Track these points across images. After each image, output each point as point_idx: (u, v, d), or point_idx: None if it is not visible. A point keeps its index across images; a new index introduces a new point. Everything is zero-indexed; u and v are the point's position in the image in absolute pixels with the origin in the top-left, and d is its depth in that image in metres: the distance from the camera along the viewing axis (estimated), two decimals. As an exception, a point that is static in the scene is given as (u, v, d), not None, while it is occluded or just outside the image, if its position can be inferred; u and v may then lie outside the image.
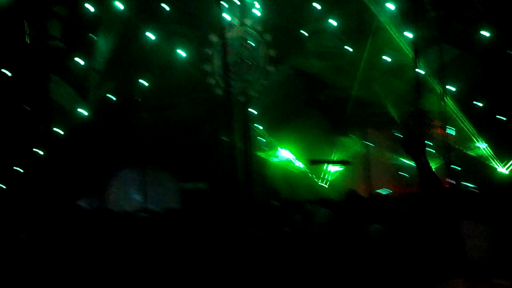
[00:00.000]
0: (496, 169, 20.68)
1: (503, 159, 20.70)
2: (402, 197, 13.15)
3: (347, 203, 10.97)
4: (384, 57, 20.83)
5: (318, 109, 21.56)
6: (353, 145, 22.26)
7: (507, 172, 20.53)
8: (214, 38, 19.85)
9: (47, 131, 16.75)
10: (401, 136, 21.41)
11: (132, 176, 17.69)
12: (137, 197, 17.21)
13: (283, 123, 21.05)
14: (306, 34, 21.01)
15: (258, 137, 20.56)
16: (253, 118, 20.52)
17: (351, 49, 20.98)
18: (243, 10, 20.23)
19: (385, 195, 16.63)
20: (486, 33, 19.77)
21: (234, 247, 9.10)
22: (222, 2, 19.53)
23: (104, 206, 16.01)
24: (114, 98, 18.69)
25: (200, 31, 19.98)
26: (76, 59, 18.21)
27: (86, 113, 18.08)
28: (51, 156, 16.51)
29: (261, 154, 20.61)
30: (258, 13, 20.34)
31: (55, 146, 16.76)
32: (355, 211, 10.37)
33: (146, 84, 19.08)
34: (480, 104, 20.50)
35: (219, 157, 19.06)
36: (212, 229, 9.74)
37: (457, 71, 20.21)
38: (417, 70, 19.91)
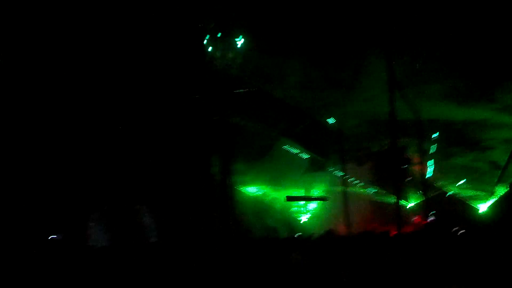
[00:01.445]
0: (476, 209, 20.74)
1: (480, 200, 20.79)
2: (379, 236, 12.96)
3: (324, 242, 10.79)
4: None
5: (296, 142, 21.40)
6: (331, 180, 22.08)
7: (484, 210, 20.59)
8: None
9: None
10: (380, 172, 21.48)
11: (110, 211, 17.26)
12: (116, 232, 16.78)
13: (262, 156, 20.83)
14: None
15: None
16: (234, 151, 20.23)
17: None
18: (226, 43, 20.03)
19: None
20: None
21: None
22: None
23: (84, 241, 15.61)
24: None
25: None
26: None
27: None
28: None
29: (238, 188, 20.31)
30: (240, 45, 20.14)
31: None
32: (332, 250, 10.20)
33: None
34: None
35: (199, 189, 18.72)
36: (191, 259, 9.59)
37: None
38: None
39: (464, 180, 21.09)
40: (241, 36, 18.64)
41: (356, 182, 22.12)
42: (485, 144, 20.49)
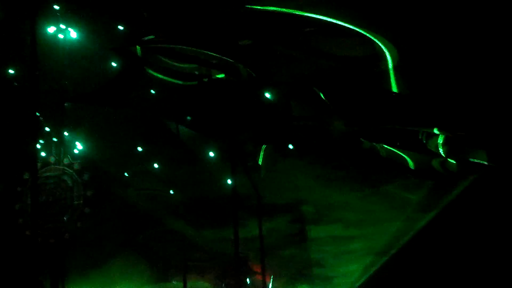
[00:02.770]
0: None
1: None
2: None
3: None
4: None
5: (136, 251, 20.99)
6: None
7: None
8: (26, 176, 18.96)
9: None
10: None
11: None
12: None
13: (99, 265, 20.15)
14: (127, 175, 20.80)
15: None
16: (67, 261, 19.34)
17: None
18: (62, 148, 19.60)
19: None
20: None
21: None
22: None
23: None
24: None
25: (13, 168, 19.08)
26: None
27: None
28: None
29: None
30: (77, 152, 19.78)
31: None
32: None
33: None
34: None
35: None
36: None
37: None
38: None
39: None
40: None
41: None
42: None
